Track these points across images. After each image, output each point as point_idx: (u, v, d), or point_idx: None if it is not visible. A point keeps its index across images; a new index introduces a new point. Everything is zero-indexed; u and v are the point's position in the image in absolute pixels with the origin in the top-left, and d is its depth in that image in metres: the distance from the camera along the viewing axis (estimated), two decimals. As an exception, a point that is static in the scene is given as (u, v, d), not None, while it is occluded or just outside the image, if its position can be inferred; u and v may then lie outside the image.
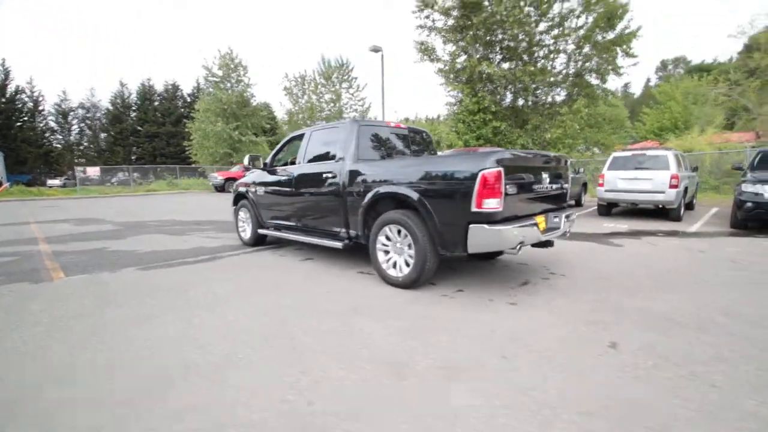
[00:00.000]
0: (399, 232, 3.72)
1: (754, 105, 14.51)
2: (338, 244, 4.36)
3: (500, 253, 3.35)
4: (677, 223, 7.96)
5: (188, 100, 43.06)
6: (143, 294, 3.68)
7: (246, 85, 29.99)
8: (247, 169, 10.82)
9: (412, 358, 2.35)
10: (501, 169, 3.05)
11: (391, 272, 3.82)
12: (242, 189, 6.15)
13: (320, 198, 4.62)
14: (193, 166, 29.73)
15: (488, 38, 20.27)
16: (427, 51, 21.34)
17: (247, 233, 6.15)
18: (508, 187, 3.15)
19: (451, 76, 20.81)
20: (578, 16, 19.45)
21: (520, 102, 21.26)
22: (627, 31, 19.08)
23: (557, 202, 4.03)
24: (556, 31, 19.87)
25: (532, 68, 19.38)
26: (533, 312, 3.08)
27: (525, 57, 20.39)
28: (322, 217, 4.67)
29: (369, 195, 3.91)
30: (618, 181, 8.54)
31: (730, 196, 12.36)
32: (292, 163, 5.76)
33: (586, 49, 19.82)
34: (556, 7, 19.72)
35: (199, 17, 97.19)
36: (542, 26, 20.07)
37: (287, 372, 2.20)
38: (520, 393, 1.97)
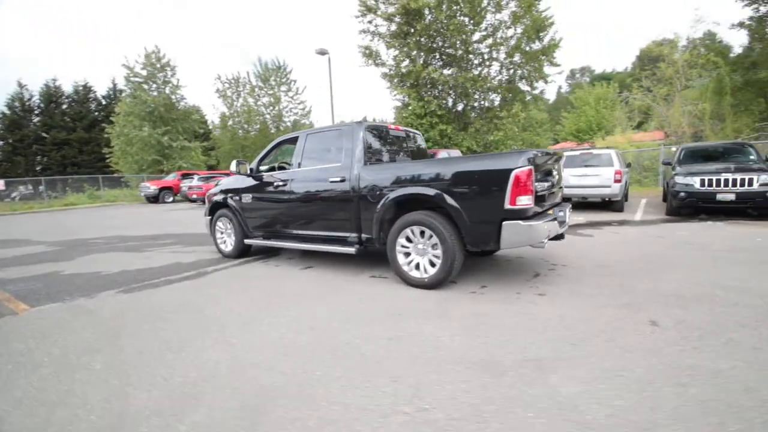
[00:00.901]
0: (422, 233, 3.73)
1: (663, 108, 16.87)
2: (351, 250, 4.25)
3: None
4: (621, 213, 8.94)
5: (103, 102, 38.68)
6: (151, 319, 3.26)
7: (175, 87, 27.76)
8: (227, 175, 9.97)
9: (494, 355, 2.38)
10: (531, 167, 3.21)
11: (414, 274, 3.81)
12: (219, 198, 5.71)
13: (326, 203, 4.46)
14: (116, 175, 26.78)
15: (429, 45, 20.99)
16: (371, 55, 21.60)
17: (228, 245, 5.71)
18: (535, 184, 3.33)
19: (396, 80, 21.26)
20: (508, 27, 20.88)
21: (460, 107, 22.35)
22: (551, 42, 20.81)
23: (559, 197, 4.33)
24: (489, 41, 21.21)
25: (472, 75, 20.53)
26: (566, 300, 3.28)
27: (463, 64, 21.45)
28: (328, 222, 4.51)
29: (388, 198, 3.87)
30: (570, 178, 9.36)
31: (651, 188, 14.21)
32: (281, 168, 5.50)
33: (516, 57, 21.39)
34: (490, 18, 21.00)
35: (118, 13, 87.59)
36: (477, 35, 21.27)
37: (380, 383, 2.11)
38: (614, 375, 2.09)
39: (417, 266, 3.82)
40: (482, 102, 22.49)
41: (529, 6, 19.62)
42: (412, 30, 19.78)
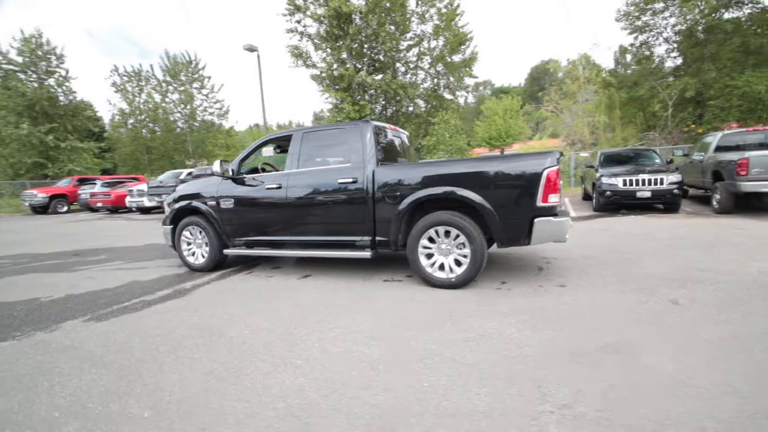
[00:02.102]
0: (447, 233, 3.73)
1: (569, 118, 19.32)
2: (365, 254, 4.05)
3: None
4: (557, 210, 9.98)
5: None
6: (165, 348, 2.71)
7: (62, 78, 23.67)
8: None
9: (574, 346, 2.46)
10: (559, 167, 3.42)
11: (439, 274, 3.78)
12: (186, 204, 5.01)
13: (333, 206, 4.19)
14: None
15: (360, 50, 21.15)
16: (301, 56, 21.03)
17: (199, 257, 5.04)
18: (557, 182, 3.54)
19: (328, 82, 20.98)
20: (431, 39, 22.00)
21: (389, 112, 22.92)
22: (471, 56, 22.41)
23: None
24: (416, 50, 22.15)
25: (402, 81, 21.22)
26: (587, 290, 3.55)
27: (388, 70, 22.05)
28: (334, 226, 4.24)
29: (412, 198, 3.78)
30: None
31: (566, 189, 16.10)
32: (263, 170, 5.03)
33: (440, 67, 22.65)
34: (416, 28, 21.90)
35: None
36: (404, 44, 22.06)
37: (498, 386, 2.05)
38: (689, 348, 2.32)
39: (441, 267, 3.79)
40: (410, 108, 23.32)
41: (450, 20, 20.91)
42: (344, 33, 19.79)
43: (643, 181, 8.45)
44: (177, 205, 5.11)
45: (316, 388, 2.10)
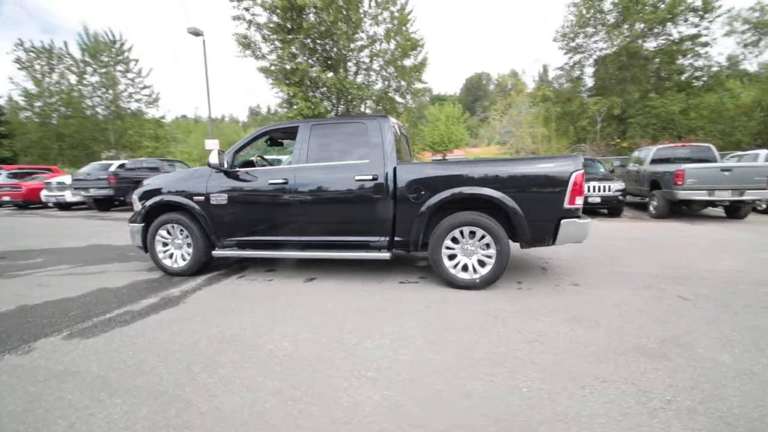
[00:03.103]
0: (472, 233, 3.70)
1: (514, 128, 20.64)
2: (385, 255, 3.87)
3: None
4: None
5: None
6: (198, 368, 2.31)
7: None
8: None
9: (634, 341, 2.56)
10: (584, 170, 3.56)
11: (462, 275, 3.74)
12: (163, 199, 4.40)
13: (348, 204, 3.94)
14: None
15: (313, 46, 20.61)
16: (249, 46, 19.86)
17: (178, 259, 4.45)
18: (577, 185, 3.69)
19: (280, 76, 20.07)
20: (382, 42, 22.15)
21: (340, 110, 22.64)
22: (422, 61, 22.89)
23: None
24: (367, 51, 22.18)
25: (356, 82, 21.09)
26: (601, 288, 3.74)
27: (341, 69, 21.81)
28: (348, 226, 3.99)
29: (436, 198, 3.69)
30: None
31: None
32: (250, 164, 4.59)
33: (391, 70, 22.90)
34: (369, 29, 21.92)
35: None
36: (357, 44, 21.97)
37: (602, 388, 2.03)
38: (735, 338, 2.52)
39: (465, 268, 3.75)
40: (361, 108, 23.21)
41: (402, 25, 21.20)
42: (296, 27, 19.10)
43: (594, 188, 9.25)
44: (151, 201, 4.45)
45: (411, 402, 1.92)
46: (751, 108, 16.48)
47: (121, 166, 12.77)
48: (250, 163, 4.71)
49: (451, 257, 3.78)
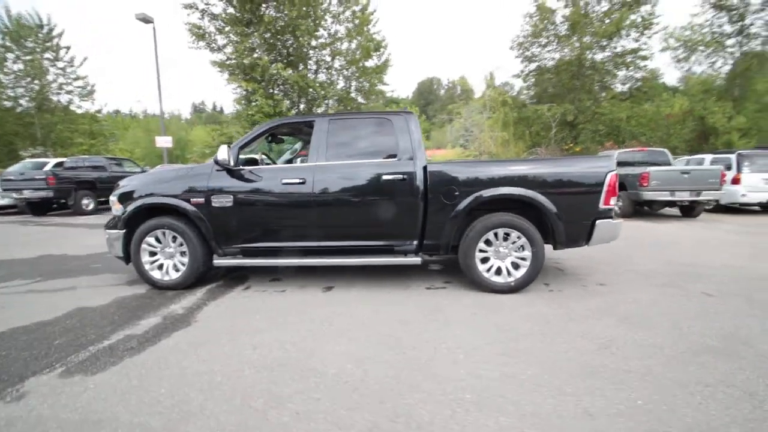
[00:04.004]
0: (507, 235, 3.58)
1: (477, 131, 21.21)
2: (416, 260, 3.63)
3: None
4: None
5: None
6: (260, 404, 1.93)
7: None
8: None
9: (697, 342, 2.55)
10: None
11: (496, 279, 3.60)
12: (151, 201, 3.81)
13: (374, 206, 3.64)
14: None
15: (273, 41, 19.81)
16: (203, 37, 18.61)
17: (170, 270, 3.88)
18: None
19: (237, 71, 18.98)
20: (344, 41, 21.83)
21: (301, 108, 21.96)
22: (384, 62, 22.79)
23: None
24: (329, 50, 21.78)
25: (320, 80, 20.58)
26: (628, 288, 3.76)
27: (302, 66, 21.25)
28: (374, 229, 3.70)
29: (470, 198, 3.51)
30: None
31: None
32: (252, 162, 4.13)
33: (353, 70, 22.62)
34: (331, 27, 21.52)
35: None
36: (318, 42, 21.50)
37: (711, 393, 1.96)
38: (787, 337, 2.61)
39: (498, 271, 3.62)
40: (322, 108, 22.64)
41: (363, 25, 20.97)
42: (256, 20, 18.20)
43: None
44: (135, 203, 3.84)
45: (536, 429, 1.70)
46: (683, 117, 18.29)
47: (59, 164, 11.27)
48: (252, 161, 4.24)
49: (484, 260, 3.63)
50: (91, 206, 10.69)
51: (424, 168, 3.61)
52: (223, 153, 3.53)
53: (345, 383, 2.09)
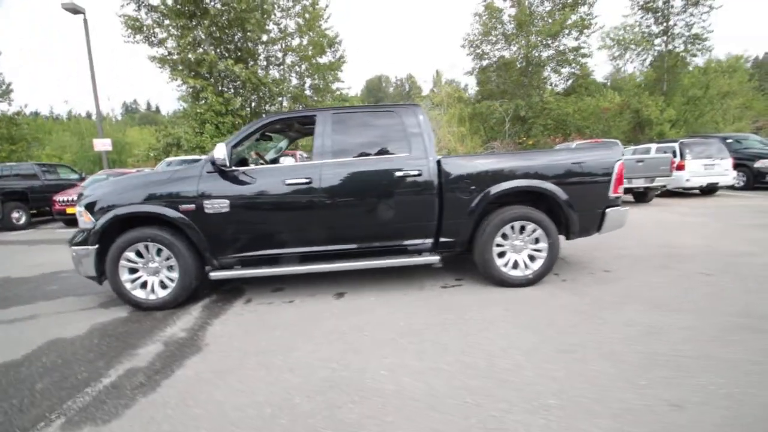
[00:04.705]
0: (522, 228, 3.54)
1: (436, 126, 21.45)
2: (434, 259, 3.48)
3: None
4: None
5: None
6: (338, 432, 1.68)
7: None
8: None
9: (730, 320, 2.65)
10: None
11: (514, 273, 3.56)
12: (120, 211, 3.31)
13: (387, 204, 3.43)
14: None
15: (218, 35, 18.69)
16: (141, 29, 17.08)
17: (156, 288, 3.42)
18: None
19: (181, 66, 17.63)
20: (295, 37, 21.16)
21: (253, 106, 21.00)
22: (339, 59, 22.33)
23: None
24: (279, 45, 21.04)
25: (273, 77, 19.78)
26: (631, 272, 3.89)
27: (252, 62, 20.38)
28: (387, 228, 3.49)
29: (489, 192, 3.42)
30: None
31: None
32: (243, 162, 3.77)
33: (304, 67, 22.00)
34: (281, 22, 20.76)
35: None
36: (271, 35, 20.69)
37: None
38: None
39: (515, 265, 3.57)
40: (276, 106, 21.75)
41: (314, 20, 20.39)
42: (201, 13, 17.02)
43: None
44: (109, 214, 3.31)
45: (636, 427, 1.63)
46: (620, 110, 19.81)
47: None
48: (243, 162, 3.85)
49: (501, 255, 3.57)
50: (23, 220, 9.34)
51: (438, 162, 3.46)
52: (221, 152, 3.14)
53: (414, 400, 1.89)
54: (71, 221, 9.42)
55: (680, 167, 10.05)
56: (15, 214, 9.15)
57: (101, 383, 2.19)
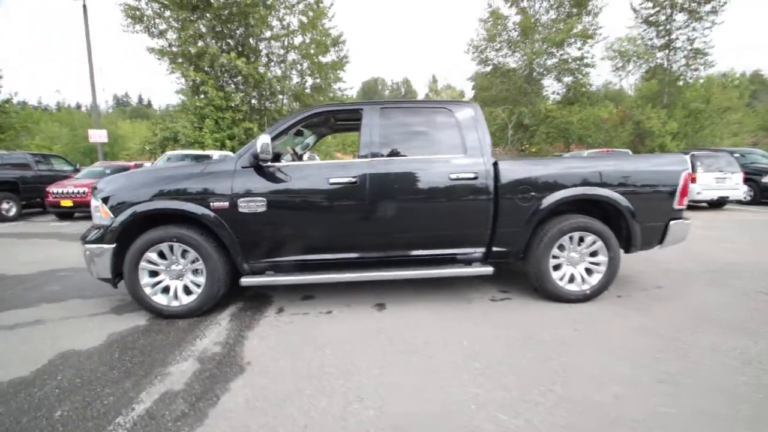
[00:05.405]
0: (581, 239, 3.28)
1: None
2: (488, 270, 3.20)
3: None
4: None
5: None
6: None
7: None
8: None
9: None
10: (688, 169, 3.41)
11: (571, 287, 3.29)
12: (141, 208, 2.96)
13: (440, 209, 3.14)
14: None
15: (220, 29, 18.27)
16: (141, 19, 16.57)
17: (179, 294, 3.07)
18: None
19: (181, 59, 17.14)
20: (297, 35, 20.81)
21: (254, 103, 20.57)
22: (342, 59, 22.03)
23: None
24: (282, 42, 20.70)
25: (276, 73, 19.42)
26: (684, 290, 3.67)
27: (254, 58, 20.01)
28: (438, 235, 3.20)
29: (549, 200, 3.15)
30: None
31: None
32: (275, 158, 3.44)
33: (306, 65, 21.64)
34: (284, 18, 20.42)
35: None
36: (274, 31, 20.35)
37: None
38: None
39: (571, 279, 3.31)
40: (278, 104, 21.33)
41: (316, 18, 20.08)
42: (204, 5, 16.58)
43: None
44: (129, 210, 2.96)
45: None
46: (621, 120, 19.90)
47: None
48: (277, 157, 3.52)
49: (556, 267, 3.30)
50: (14, 211, 8.78)
51: (494, 164, 3.18)
52: (265, 144, 2.80)
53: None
54: (64, 214, 8.91)
55: (692, 180, 9.98)
56: (5, 205, 8.59)
57: (134, 411, 1.85)
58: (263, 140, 2.81)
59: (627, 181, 3.26)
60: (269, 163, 3.05)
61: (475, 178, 3.12)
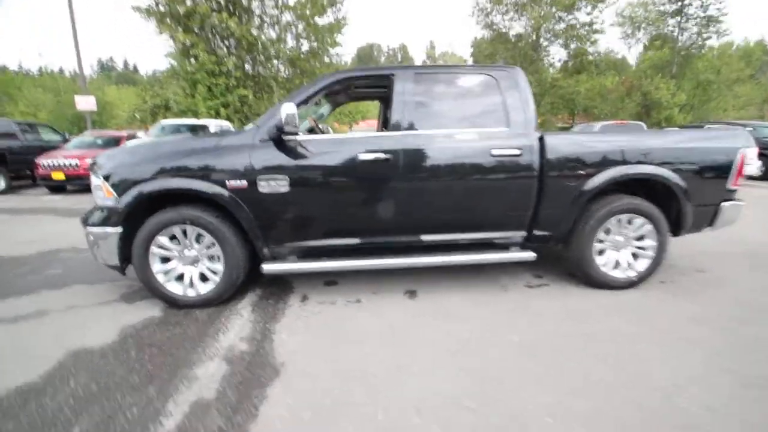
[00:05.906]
0: (629, 222, 3.03)
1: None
2: (531, 255, 2.97)
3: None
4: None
5: None
6: None
7: None
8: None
9: None
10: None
11: (615, 274, 3.07)
12: (149, 187, 2.64)
13: (480, 188, 2.85)
14: None
15: (210, -15, 17.05)
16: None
17: (195, 282, 2.81)
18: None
19: (169, 19, 16.07)
20: (290, -7, 19.54)
21: (247, 69, 19.60)
22: (340, 21, 20.87)
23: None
24: (274, 1, 19.49)
25: (270, 37, 18.42)
26: (729, 271, 3.48)
27: (245, 19, 18.89)
28: (474, 218, 2.94)
29: (600, 178, 2.87)
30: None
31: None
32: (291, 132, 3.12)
33: (300, 28, 20.51)
34: (277, -23, 19.13)
35: None
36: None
37: None
38: None
39: (616, 264, 3.09)
40: (274, 69, 20.33)
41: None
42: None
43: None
44: (135, 189, 2.63)
45: None
46: (629, 90, 19.35)
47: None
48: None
49: (602, 252, 3.07)
50: (2, 184, 8.33)
51: (540, 139, 2.87)
52: (289, 111, 2.44)
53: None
54: (57, 188, 8.47)
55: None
56: (-9, 178, 8.14)
57: (163, 428, 1.62)
58: (288, 109, 2.46)
59: (682, 158, 2.97)
60: (290, 137, 2.71)
61: (519, 155, 2.81)
